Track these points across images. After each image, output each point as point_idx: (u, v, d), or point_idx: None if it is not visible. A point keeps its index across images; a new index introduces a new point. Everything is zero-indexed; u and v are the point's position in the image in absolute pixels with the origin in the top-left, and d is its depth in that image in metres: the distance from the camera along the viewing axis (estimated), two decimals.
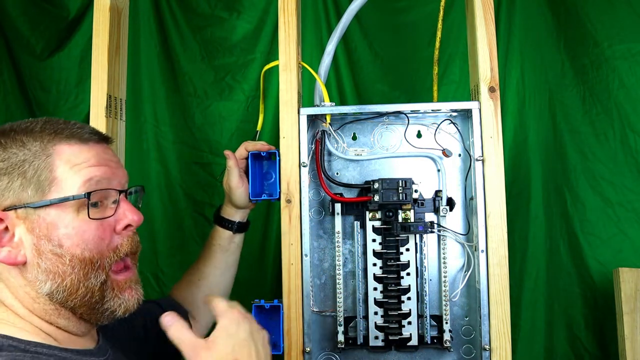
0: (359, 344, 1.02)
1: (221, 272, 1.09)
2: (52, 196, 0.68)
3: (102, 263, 0.70)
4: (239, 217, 1.08)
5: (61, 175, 0.69)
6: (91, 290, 0.70)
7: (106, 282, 0.71)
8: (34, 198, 0.68)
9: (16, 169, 0.69)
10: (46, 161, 0.69)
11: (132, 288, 0.74)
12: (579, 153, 1.50)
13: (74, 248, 0.68)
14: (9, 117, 1.59)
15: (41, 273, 0.69)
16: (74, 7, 1.60)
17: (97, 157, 0.72)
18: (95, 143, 0.74)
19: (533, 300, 1.49)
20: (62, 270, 0.68)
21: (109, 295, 0.71)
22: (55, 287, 0.69)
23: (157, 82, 1.59)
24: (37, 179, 0.68)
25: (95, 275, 0.69)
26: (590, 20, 1.49)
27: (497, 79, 0.99)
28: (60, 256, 0.68)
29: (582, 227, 1.49)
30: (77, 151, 0.71)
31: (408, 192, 0.99)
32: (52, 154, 0.70)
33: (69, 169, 0.70)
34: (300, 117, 1.01)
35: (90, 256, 0.69)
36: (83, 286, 0.69)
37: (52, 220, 0.68)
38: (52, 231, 0.68)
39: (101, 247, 0.70)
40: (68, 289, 0.69)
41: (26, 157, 0.69)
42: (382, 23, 1.58)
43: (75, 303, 0.70)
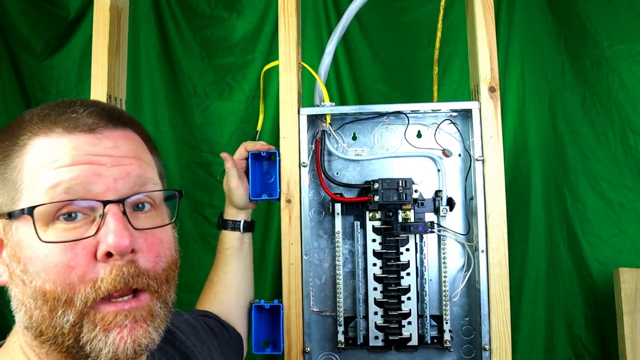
0: (359, 344, 1.02)
1: (242, 275, 1.05)
2: (20, 205, 0.53)
3: (71, 299, 0.51)
4: (243, 217, 1.05)
5: (27, 178, 0.53)
6: (59, 332, 0.52)
7: (80, 322, 0.52)
8: (6, 206, 0.54)
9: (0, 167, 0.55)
10: (19, 159, 0.54)
11: (124, 326, 0.52)
12: (579, 153, 1.50)
13: (35, 277, 0.51)
14: (9, 117, 1.59)
15: (14, 301, 0.54)
16: (74, 7, 1.60)
17: (76, 152, 0.53)
18: (84, 132, 0.55)
19: (533, 300, 1.49)
20: (27, 302, 0.52)
21: (85, 337, 0.52)
22: (27, 322, 0.53)
23: (157, 82, 1.59)
24: (9, 182, 0.54)
25: (62, 314, 0.51)
26: (590, 21, 1.49)
27: (497, 79, 0.99)
28: (25, 285, 0.52)
29: (582, 227, 1.49)
30: (54, 145, 0.53)
31: (408, 192, 0.99)
32: (25, 149, 0.54)
33: (36, 169, 0.53)
34: (300, 117, 1.01)
35: (51, 289, 0.51)
36: (49, 326, 0.52)
37: (19, 237, 0.53)
38: (20, 251, 0.53)
39: (69, 279, 0.51)
40: (37, 327, 0.52)
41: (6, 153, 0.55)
42: (382, 23, 1.58)
43: (49, 345, 0.53)
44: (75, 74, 1.60)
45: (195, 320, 0.89)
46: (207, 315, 0.97)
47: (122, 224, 0.53)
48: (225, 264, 1.05)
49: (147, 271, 0.54)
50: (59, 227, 0.52)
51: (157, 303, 0.56)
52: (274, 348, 1.02)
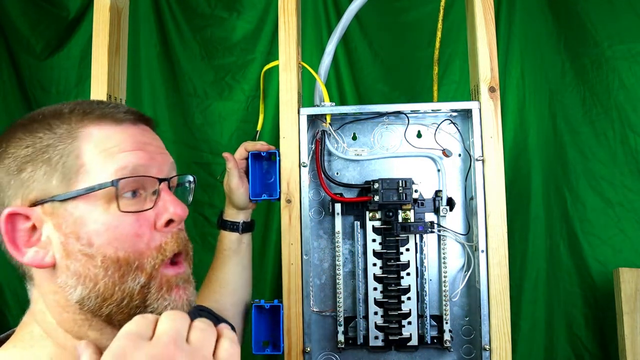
0: (359, 344, 1.02)
1: (239, 275, 1.07)
2: (79, 186, 0.58)
3: (142, 264, 0.59)
4: (242, 218, 1.07)
5: (89, 161, 0.59)
6: (129, 294, 0.58)
7: (148, 284, 0.59)
8: (60, 189, 0.58)
9: (40, 155, 0.59)
10: (72, 145, 0.59)
11: (180, 287, 0.62)
12: (579, 153, 1.50)
13: (106, 247, 0.58)
14: (9, 117, 1.59)
15: (70, 277, 0.58)
16: (74, 7, 1.60)
17: (132, 140, 0.61)
18: (131, 124, 0.63)
19: (533, 300, 1.49)
20: (93, 273, 0.58)
21: (152, 297, 0.59)
22: (87, 293, 0.58)
23: (157, 82, 1.59)
24: (62, 166, 0.58)
25: (133, 277, 0.58)
26: (590, 20, 1.49)
27: (497, 79, 0.99)
28: (91, 257, 0.58)
29: (582, 227, 1.49)
30: (109, 133, 0.60)
31: (408, 192, 0.99)
32: (78, 136, 0.59)
33: (98, 154, 0.59)
34: (300, 117, 1.01)
35: (125, 256, 0.58)
36: (119, 290, 0.58)
37: (80, 214, 0.58)
38: (81, 228, 0.58)
39: (139, 246, 0.59)
40: (101, 294, 0.58)
41: (51, 142, 0.59)
42: (382, 23, 1.58)
43: (111, 310, 0.59)
44: (75, 74, 1.60)
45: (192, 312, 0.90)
46: (202, 309, 1.00)
47: (175, 197, 0.63)
48: (222, 264, 1.06)
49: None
50: (123, 203, 0.59)
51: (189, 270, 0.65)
52: (274, 348, 1.02)
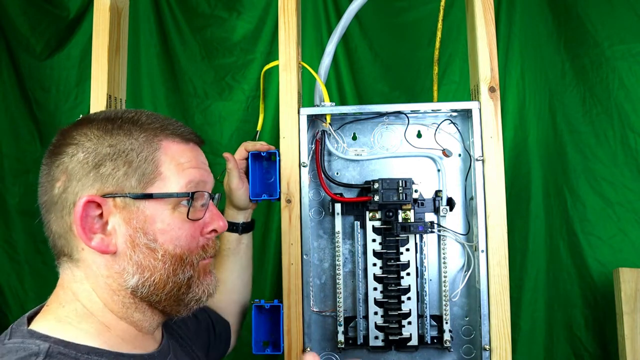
0: (359, 344, 1.02)
1: (237, 274, 1.08)
2: (154, 190, 0.68)
3: (191, 260, 0.70)
4: (242, 218, 1.08)
5: (166, 171, 0.69)
6: (178, 285, 0.69)
7: (192, 276, 0.71)
8: (137, 189, 0.67)
9: (122, 156, 0.67)
10: (154, 154, 0.68)
11: (211, 273, 0.75)
12: (579, 153, 1.50)
13: (167, 244, 0.68)
14: (9, 117, 1.59)
15: (131, 265, 0.67)
16: (74, 7, 1.60)
17: (197, 160, 0.72)
18: (194, 144, 0.74)
19: (533, 300, 1.49)
20: (153, 265, 0.67)
21: (194, 284, 0.71)
22: (142, 282, 0.68)
23: (157, 82, 1.59)
24: (142, 171, 0.67)
25: (183, 271, 0.69)
26: (590, 21, 1.49)
27: (497, 79, 0.99)
28: (154, 250, 0.67)
29: (582, 227, 1.49)
30: (182, 150, 0.71)
31: (408, 192, 0.99)
32: (159, 148, 0.69)
33: (174, 166, 0.69)
34: (300, 117, 1.01)
35: (181, 253, 0.69)
36: (171, 281, 0.69)
37: (150, 214, 0.67)
38: (149, 225, 0.67)
39: (191, 245, 0.70)
40: (155, 284, 0.68)
41: (133, 147, 0.68)
42: (382, 23, 1.58)
43: (160, 297, 0.69)
44: (75, 74, 1.60)
45: None
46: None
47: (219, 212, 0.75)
48: (221, 263, 1.07)
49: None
50: (182, 210, 0.69)
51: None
52: (274, 348, 1.02)
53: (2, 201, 1.58)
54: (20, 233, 1.57)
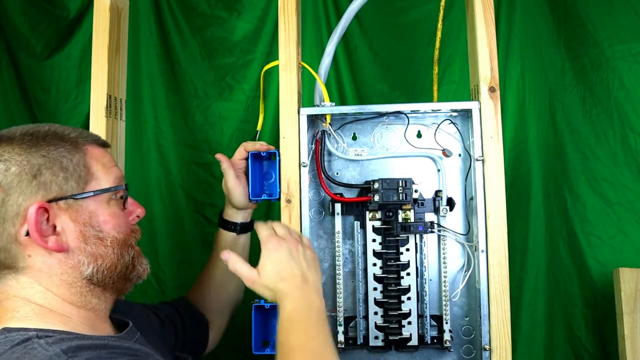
0: (359, 344, 1.02)
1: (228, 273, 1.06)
2: (92, 188, 0.77)
3: (131, 242, 0.81)
4: (240, 218, 1.08)
5: (96, 172, 0.78)
6: (125, 265, 0.79)
7: (134, 256, 0.81)
8: (77, 190, 0.76)
9: (57, 164, 0.75)
10: (83, 159, 0.78)
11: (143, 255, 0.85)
12: (579, 153, 1.50)
13: (112, 231, 0.78)
14: (9, 117, 1.59)
15: (86, 257, 0.75)
16: (74, 7, 1.60)
17: (112, 160, 0.83)
18: (106, 148, 0.84)
19: (533, 300, 1.49)
20: (104, 252, 0.77)
21: (137, 262, 0.82)
22: (97, 269, 0.76)
23: (157, 82, 1.59)
24: (78, 174, 0.76)
25: (128, 252, 0.80)
26: (590, 20, 1.49)
27: (497, 79, 0.99)
28: (102, 239, 0.77)
29: (582, 227, 1.48)
30: (101, 153, 0.81)
31: (408, 192, 0.99)
32: (86, 153, 0.78)
33: (102, 167, 0.79)
34: (300, 117, 1.01)
35: (124, 237, 0.79)
36: (120, 264, 0.78)
37: (92, 209, 0.77)
38: (94, 218, 0.76)
39: (128, 230, 0.81)
40: (108, 268, 0.77)
41: (64, 154, 0.76)
42: (382, 23, 1.58)
43: (112, 279, 0.78)
44: (75, 74, 1.59)
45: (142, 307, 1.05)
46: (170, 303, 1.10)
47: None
48: (216, 261, 1.09)
49: None
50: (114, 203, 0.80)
51: None
52: (274, 348, 1.02)
53: None
54: None
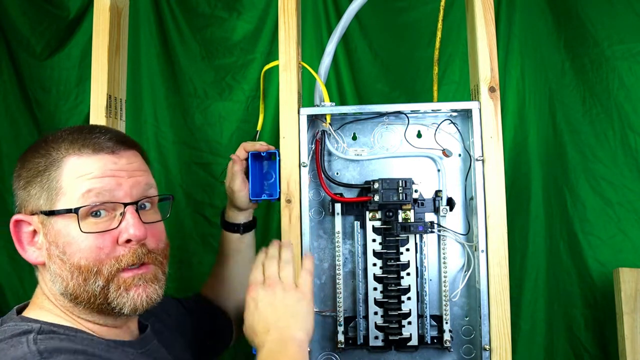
0: (359, 344, 1.02)
1: (239, 273, 1.10)
2: (59, 206, 0.72)
3: (100, 270, 0.72)
4: (243, 219, 1.08)
5: (66, 186, 0.72)
6: (92, 294, 0.72)
7: (107, 286, 0.72)
8: (45, 207, 0.73)
9: (36, 178, 0.73)
10: (57, 171, 0.73)
11: (139, 286, 0.74)
12: (579, 153, 1.50)
13: (72, 256, 0.72)
14: (9, 117, 1.59)
15: (52, 275, 0.73)
16: (74, 7, 1.60)
17: (103, 168, 0.73)
18: (107, 153, 0.74)
19: (533, 300, 1.49)
20: (65, 275, 0.72)
21: (112, 295, 0.73)
22: (63, 289, 0.73)
23: (157, 82, 1.59)
24: (47, 188, 0.73)
25: (94, 281, 0.72)
26: (590, 20, 1.49)
27: (497, 79, 0.99)
28: (64, 262, 0.72)
29: (582, 227, 1.48)
30: (85, 162, 0.73)
31: (408, 192, 0.99)
32: (61, 165, 0.73)
33: (74, 180, 0.72)
34: (300, 117, 1.01)
35: (86, 264, 0.71)
36: (84, 291, 0.72)
37: (58, 228, 0.72)
38: (59, 238, 0.72)
39: (99, 256, 0.72)
40: (72, 292, 0.72)
41: (42, 167, 0.73)
42: (382, 23, 1.58)
43: (83, 305, 0.73)
44: (75, 74, 1.59)
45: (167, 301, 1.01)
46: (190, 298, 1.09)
47: (138, 220, 0.74)
48: (224, 261, 1.10)
49: (153, 250, 0.77)
50: (90, 221, 0.72)
51: (159, 271, 0.78)
52: None
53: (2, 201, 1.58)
54: None
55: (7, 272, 1.56)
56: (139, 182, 0.76)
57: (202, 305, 1.08)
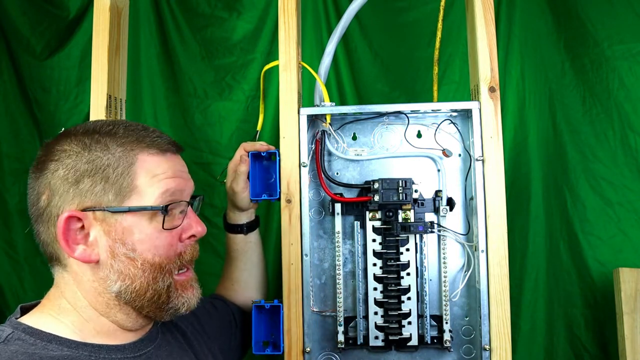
0: (359, 344, 1.02)
1: (249, 272, 1.10)
2: (131, 203, 0.71)
3: (169, 268, 0.74)
4: (245, 219, 1.08)
5: (141, 184, 0.72)
6: (158, 292, 0.73)
7: (171, 284, 0.74)
8: (114, 203, 0.71)
9: (99, 172, 0.71)
10: (129, 169, 0.72)
11: (192, 287, 0.78)
12: (579, 153, 1.50)
13: (146, 253, 0.72)
14: (9, 117, 1.59)
15: (113, 273, 0.72)
16: (74, 7, 1.60)
17: (174, 169, 0.75)
18: (172, 154, 0.77)
19: (533, 300, 1.49)
20: (133, 273, 0.72)
21: (173, 295, 0.75)
22: (125, 288, 0.72)
23: (157, 82, 1.59)
24: (119, 185, 0.71)
25: (163, 279, 0.73)
26: (590, 20, 1.49)
27: (497, 79, 0.99)
28: (133, 260, 0.71)
29: (582, 227, 1.48)
30: (158, 162, 0.74)
31: (408, 192, 0.99)
32: (134, 162, 0.72)
33: (150, 179, 0.73)
34: (300, 117, 1.02)
35: (159, 261, 0.73)
36: (151, 289, 0.73)
37: (128, 225, 0.71)
38: (127, 236, 0.71)
39: (169, 253, 0.74)
40: (137, 290, 0.72)
41: (110, 162, 0.71)
42: (382, 23, 1.58)
43: (142, 304, 0.73)
44: (75, 74, 1.59)
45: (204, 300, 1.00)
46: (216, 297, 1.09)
47: (197, 217, 0.78)
48: (232, 263, 1.10)
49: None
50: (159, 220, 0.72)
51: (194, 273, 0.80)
52: (274, 348, 1.02)
53: (2, 201, 1.58)
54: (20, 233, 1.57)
55: (7, 272, 1.56)
56: (192, 185, 0.79)
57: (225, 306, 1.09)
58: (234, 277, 1.10)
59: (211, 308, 1.02)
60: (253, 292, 1.10)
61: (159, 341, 0.82)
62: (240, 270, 1.10)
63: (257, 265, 1.11)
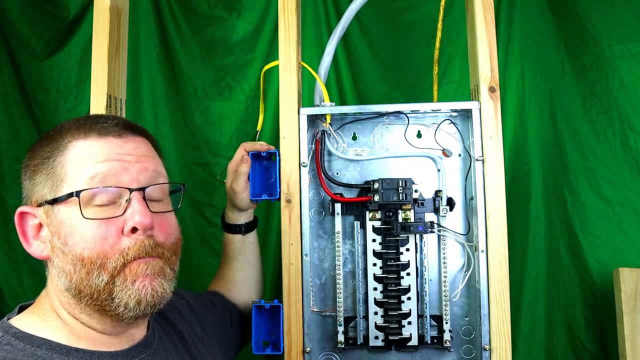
0: (359, 344, 1.02)
1: (246, 273, 1.10)
2: (62, 193, 0.67)
3: (104, 264, 0.66)
4: (244, 219, 1.08)
5: (69, 171, 0.67)
6: (96, 289, 0.66)
7: (112, 281, 0.66)
8: (49, 195, 0.68)
9: (41, 166, 0.69)
10: (61, 157, 0.68)
11: (145, 276, 0.67)
12: (579, 153, 1.50)
13: (75, 247, 0.66)
14: (8, 117, 1.59)
15: (56, 269, 0.68)
16: (74, 7, 1.60)
17: (109, 152, 0.68)
18: (115, 137, 0.70)
19: (533, 300, 1.49)
20: (68, 269, 0.67)
21: (117, 289, 0.66)
22: (67, 285, 0.67)
23: (157, 82, 1.59)
24: (53, 176, 0.68)
25: (98, 275, 0.66)
26: (590, 20, 1.49)
27: (497, 79, 0.99)
28: (65, 254, 0.67)
29: (582, 227, 1.48)
30: (90, 146, 0.68)
31: (408, 192, 0.99)
32: (66, 149, 0.68)
33: (78, 164, 0.68)
34: (300, 117, 1.01)
35: (89, 256, 0.65)
36: (87, 285, 0.66)
37: (61, 217, 0.67)
38: (60, 229, 0.67)
39: (103, 248, 0.66)
40: (76, 287, 0.67)
41: (48, 155, 0.69)
42: (382, 23, 1.58)
43: (86, 301, 0.67)
44: (75, 74, 1.59)
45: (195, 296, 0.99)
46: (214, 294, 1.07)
47: (145, 207, 0.68)
48: (229, 263, 1.09)
49: (161, 244, 0.70)
50: (94, 209, 0.66)
51: (167, 267, 0.71)
52: (274, 348, 1.02)
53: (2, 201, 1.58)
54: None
55: (6, 272, 1.56)
56: (146, 168, 0.71)
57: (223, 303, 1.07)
58: (230, 277, 1.10)
59: (210, 305, 1.02)
60: (248, 292, 1.10)
61: (155, 347, 0.77)
62: (236, 270, 1.09)
63: (254, 266, 1.11)
